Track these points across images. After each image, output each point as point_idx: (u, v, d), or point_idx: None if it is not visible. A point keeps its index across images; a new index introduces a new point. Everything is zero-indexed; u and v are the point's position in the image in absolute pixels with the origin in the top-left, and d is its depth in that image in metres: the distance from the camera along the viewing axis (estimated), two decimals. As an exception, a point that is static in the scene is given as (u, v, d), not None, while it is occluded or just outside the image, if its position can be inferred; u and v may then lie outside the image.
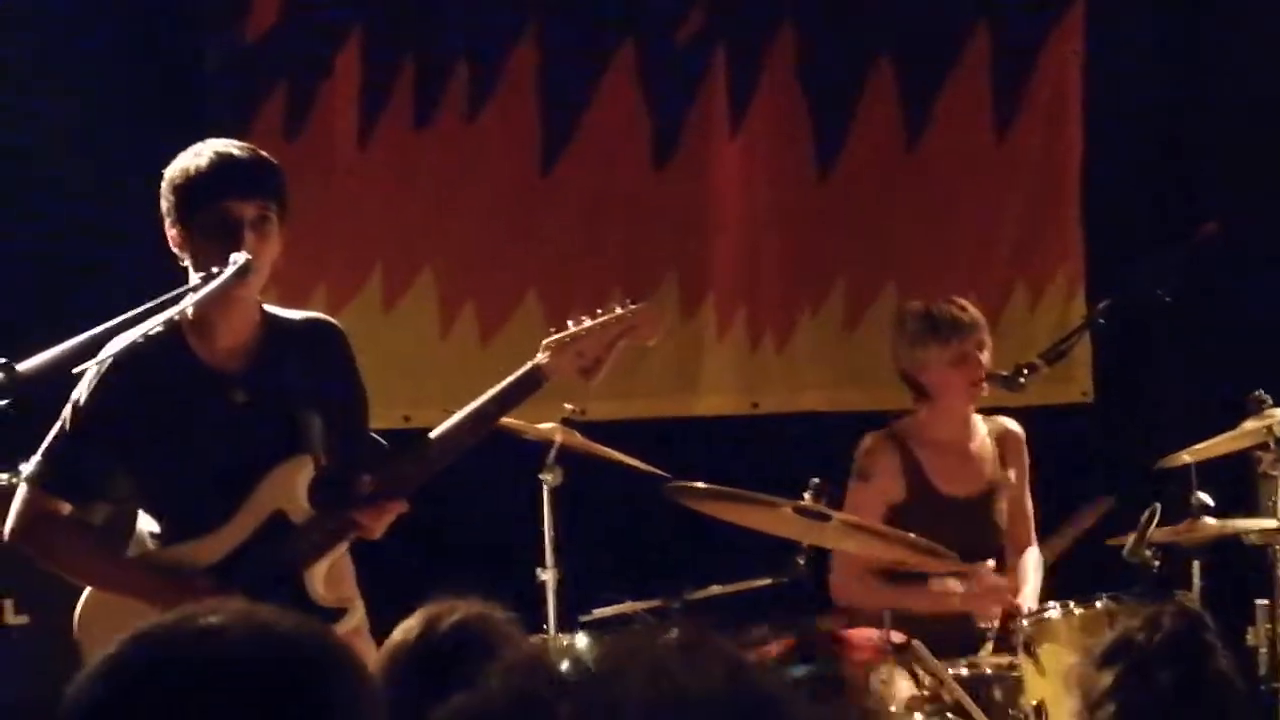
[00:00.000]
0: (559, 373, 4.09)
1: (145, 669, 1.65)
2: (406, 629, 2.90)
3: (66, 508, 3.97)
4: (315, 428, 3.97)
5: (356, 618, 3.98)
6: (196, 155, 3.90)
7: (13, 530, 4.01)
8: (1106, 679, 2.72)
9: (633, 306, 4.18)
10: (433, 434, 4.06)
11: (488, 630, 2.79)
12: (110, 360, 3.86)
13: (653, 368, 6.33)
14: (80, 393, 3.93)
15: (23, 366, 3.53)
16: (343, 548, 4.03)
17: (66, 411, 3.96)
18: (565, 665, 1.08)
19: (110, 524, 4.06)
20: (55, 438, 3.97)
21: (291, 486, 3.93)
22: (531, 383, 4.07)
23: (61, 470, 3.95)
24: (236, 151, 3.91)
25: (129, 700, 1.63)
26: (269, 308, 4.02)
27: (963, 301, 5.29)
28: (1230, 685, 2.81)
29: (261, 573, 3.87)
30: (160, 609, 3.76)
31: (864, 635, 4.78)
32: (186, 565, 3.89)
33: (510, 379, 4.07)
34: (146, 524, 4.01)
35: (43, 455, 3.98)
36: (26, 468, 4.03)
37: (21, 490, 4.01)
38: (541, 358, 4.09)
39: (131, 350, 3.83)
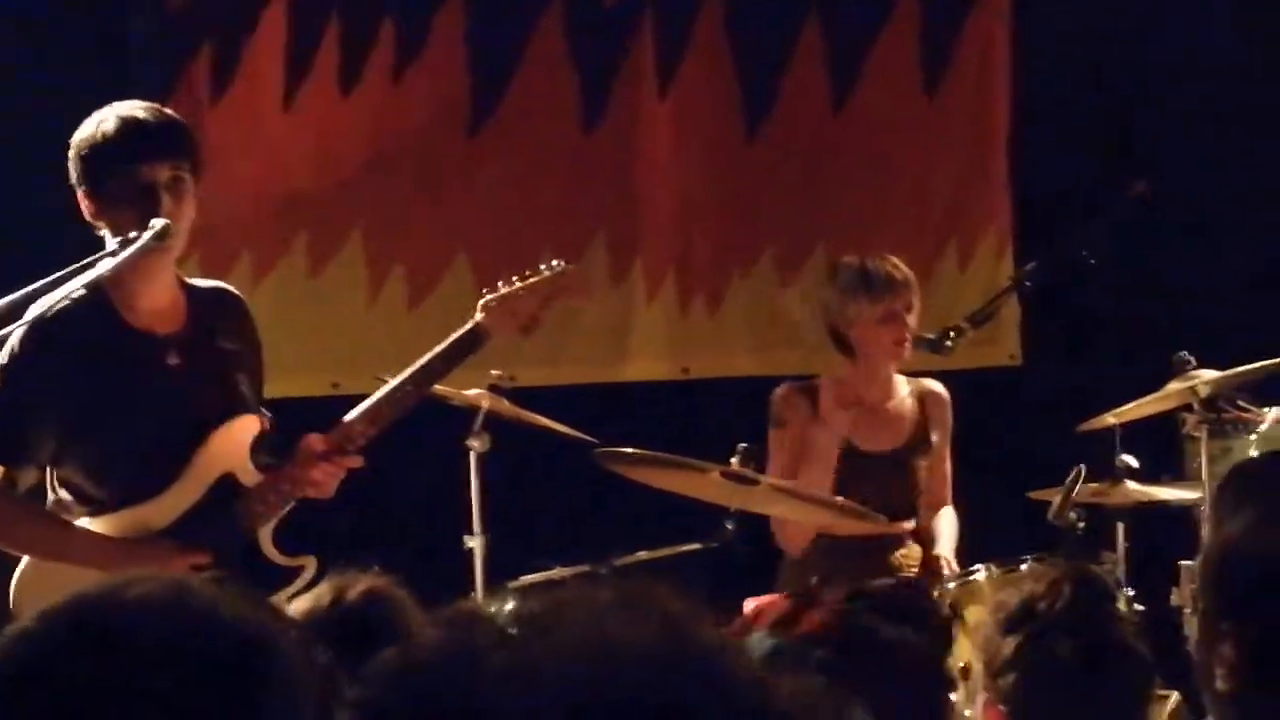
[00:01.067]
0: (497, 330, 4.12)
1: (63, 643, 1.62)
2: (316, 596, 2.90)
3: None
4: (249, 392, 3.96)
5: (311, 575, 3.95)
6: (102, 121, 3.84)
7: None
8: (1009, 647, 2.74)
9: (565, 266, 4.20)
10: (377, 394, 4.06)
11: (394, 599, 2.80)
12: (34, 323, 3.80)
13: (582, 333, 6.31)
14: (5, 357, 3.87)
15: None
16: (285, 509, 4.00)
17: None
18: (499, 618, 1.08)
19: (33, 490, 4.02)
20: None
21: (239, 447, 3.92)
22: (473, 341, 4.11)
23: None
24: (142, 114, 3.86)
25: (48, 668, 1.60)
26: (183, 277, 4.01)
27: (896, 260, 5.29)
28: (1133, 654, 2.82)
29: (216, 536, 3.86)
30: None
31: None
32: (139, 530, 3.85)
33: (451, 338, 4.10)
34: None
35: None
36: None
37: None
38: (480, 316, 4.11)
39: (57, 314, 3.78)
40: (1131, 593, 4.77)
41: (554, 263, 4.25)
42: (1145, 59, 6.60)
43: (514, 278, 4.20)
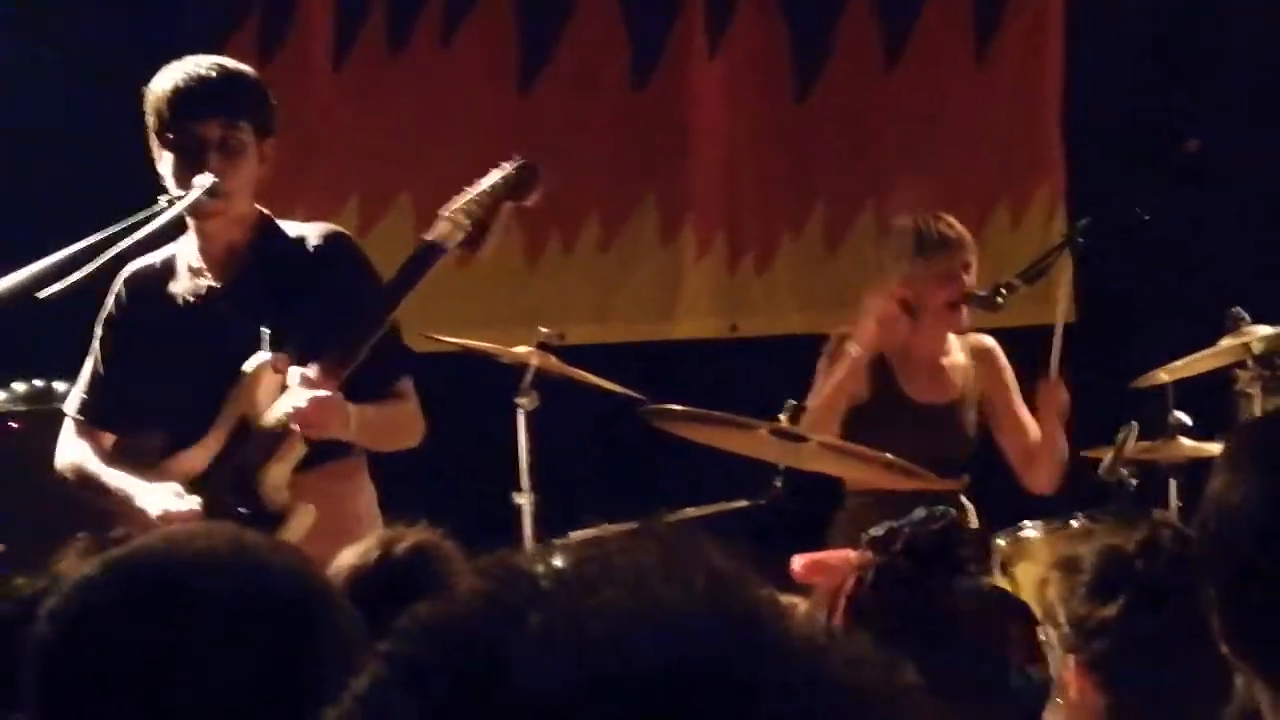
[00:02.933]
0: (449, 240, 4.02)
1: (122, 593, 1.63)
2: (364, 552, 2.90)
3: (110, 439, 3.97)
4: (299, 335, 3.90)
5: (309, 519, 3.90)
6: (167, 76, 3.89)
7: (61, 465, 4.04)
8: (1109, 610, 2.60)
9: (513, 163, 4.14)
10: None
11: (442, 554, 2.79)
12: (119, 286, 3.95)
13: (631, 290, 6.31)
14: (100, 322, 3.98)
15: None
16: (298, 452, 3.93)
17: (93, 343, 4.00)
18: (540, 572, 1.05)
19: (151, 452, 4.06)
20: (87, 369, 4.02)
21: (253, 391, 3.90)
22: (427, 257, 4.01)
23: (96, 402, 3.98)
24: (203, 70, 3.87)
25: (107, 619, 1.61)
26: (281, 223, 3.99)
27: (950, 219, 5.24)
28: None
29: (224, 478, 3.88)
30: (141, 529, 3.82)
31: (840, 557, 4.75)
32: (178, 476, 3.90)
33: (406, 259, 4.01)
34: None
35: (81, 389, 3.99)
36: (67, 403, 4.04)
37: (68, 424, 4.04)
38: (432, 231, 4.04)
39: (136, 275, 3.95)
40: (1184, 550, 4.73)
41: (506, 164, 4.16)
42: (1198, 11, 6.53)
43: (465, 188, 4.09)
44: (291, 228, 4.03)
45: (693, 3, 6.50)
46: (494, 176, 4.07)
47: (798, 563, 4.88)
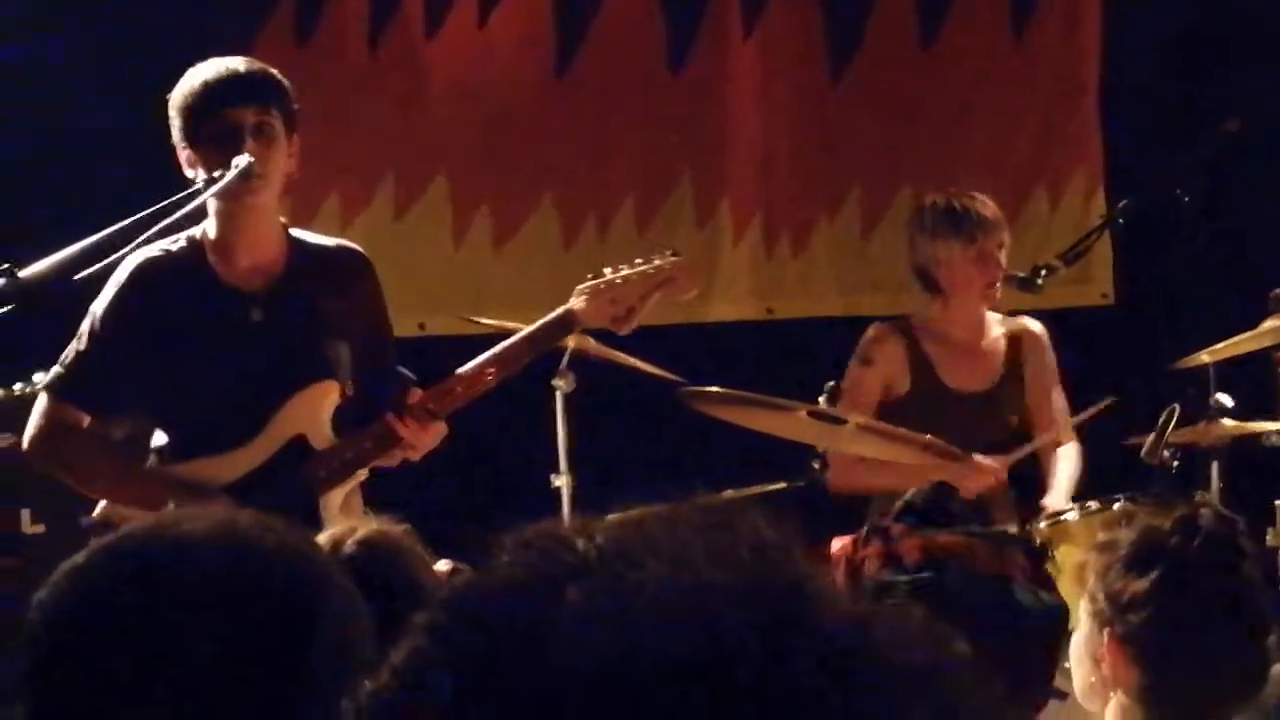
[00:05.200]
0: (590, 319, 4.09)
1: (113, 577, 1.62)
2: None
3: (85, 419, 3.96)
4: (342, 356, 3.95)
5: None
6: (195, 73, 3.92)
7: (31, 440, 4.00)
8: (1142, 584, 2.60)
9: (671, 258, 4.15)
10: (460, 370, 4.04)
11: (395, 552, 2.73)
12: (129, 273, 3.89)
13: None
14: (99, 304, 3.93)
15: (24, 273, 3.50)
16: (360, 476, 3.99)
17: (85, 323, 3.95)
18: (581, 545, 1.03)
19: (128, 440, 4.05)
20: (74, 349, 3.96)
21: (315, 412, 3.91)
22: (562, 327, 4.09)
23: (80, 381, 3.94)
24: (232, 63, 3.92)
25: (96, 606, 1.59)
26: (296, 232, 4.01)
27: (984, 198, 5.20)
28: (1264, 593, 2.73)
29: (276, 495, 3.84)
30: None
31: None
32: (204, 482, 3.88)
33: (541, 322, 4.08)
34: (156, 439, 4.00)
35: (62, 365, 3.97)
36: (45, 377, 4.02)
37: (40, 400, 4.01)
38: (575, 302, 4.07)
39: (152, 263, 3.89)
40: (1226, 532, 4.69)
41: (665, 253, 4.18)
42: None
43: (621, 265, 4.11)
44: (310, 238, 4.04)
45: (727, -18, 6.47)
46: (650, 264, 4.10)
47: (836, 545, 4.88)
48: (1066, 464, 5.18)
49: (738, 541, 1.01)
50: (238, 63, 3.92)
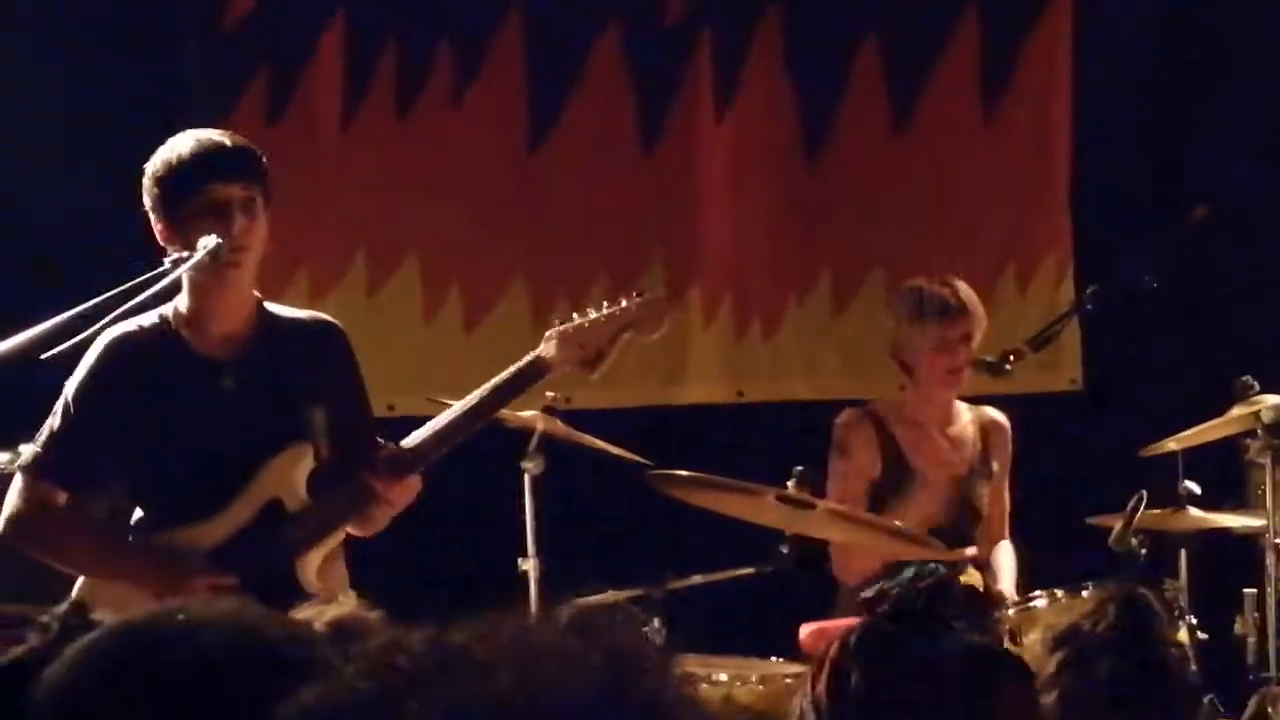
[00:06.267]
0: (561, 364, 4.06)
1: (120, 661, 1.62)
2: None
3: (63, 497, 3.95)
4: (318, 422, 3.93)
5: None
6: (176, 145, 3.89)
7: (8, 520, 3.97)
8: (1051, 665, 2.71)
9: (638, 299, 4.15)
10: (432, 423, 4.02)
11: (364, 629, 2.70)
12: (102, 349, 3.89)
13: (637, 355, 6.27)
14: (72, 382, 3.92)
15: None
16: (338, 537, 3.98)
17: (61, 401, 3.95)
18: (428, 657, 1.00)
19: (107, 516, 4.03)
20: (49, 427, 3.95)
21: (290, 475, 3.90)
22: (533, 373, 4.05)
23: (57, 459, 3.93)
24: (216, 136, 3.92)
25: (103, 691, 1.60)
26: (270, 305, 4.00)
27: (959, 285, 5.22)
28: (1176, 677, 2.77)
29: (254, 559, 3.84)
30: (154, 595, 3.79)
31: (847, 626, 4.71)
32: (183, 551, 3.86)
33: (511, 369, 4.04)
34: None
35: (39, 444, 3.95)
36: (21, 458, 4.00)
37: (17, 481, 3.99)
38: (544, 349, 4.05)
39: (124, 338, 3.89)
40: (1194, 620, 4.69)
41: (633, 295, 4.18)
42: (1206, 82, 6.53)
43: (588, 308, 4.11)
44: (284, 310, 4.04)
45: (701, 66, 6.50)
46: (617, 306, 4.08)
47: (805, 631, 4.87)
48: (1009, 557, 5.27)
49: (593, 651, 0.99)
50: (221, 136, 3.92)
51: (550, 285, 6.34)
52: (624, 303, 4.12)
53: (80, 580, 3.97)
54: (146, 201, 3.89)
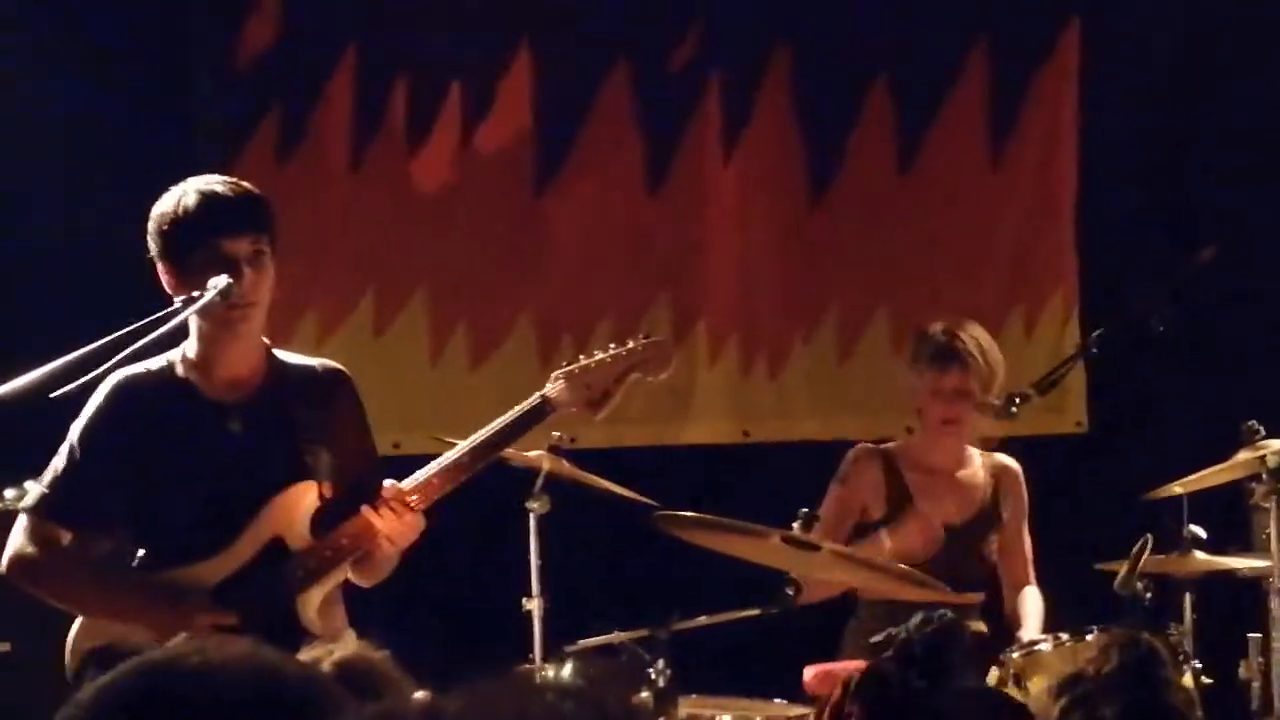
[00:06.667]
0: (566, 404, 4.06)
1: (139, 701, 1.62)
2: None
3: (68, 537, 3.96)
4: (322, 462, 3.94)
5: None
6: (183, 195, 3.87)
7: (11, 560, 3.97)
8: (1057, 710, 2.72)
9: (644, 340, 4.15)
10: (436, 462, 4.02)
11: (371, 669, 2.71)
12: (109, 390, 3.89)
13: (643, 394, 6.28)
14: (79, 423, 3.93)
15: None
16: (339, 576, 3.98)
17: (67, 441, 3.95)
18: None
19: (111, 556, 4.03)
20: (55, 467, 3.96)
21: (292, 513, 3.90)
22: (539, 413, 4.05)
23: (62, 500, 3.94)
24: (222, 188, 3.89)
25: None
26: (279, 352, 4.01)
27: (966, 335, 5.19)
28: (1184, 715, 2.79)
29: (256, 597, 3.84)
30: (156, 633, 3.79)
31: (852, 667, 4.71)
32: (186, 589, 3.86)
33: (517, 409, 4.04)
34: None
35: (44, 484, 3.96)
36: (27, 497, 4.01)
37: (22, 519, 3.99)
38: (549, 389, 4.05)
39: (131, 381, 3.89)
40: (1199, 665, 4.68)
41: (639, 336, 4.18)
42: (1214, 123, 6.55)
43: (595, 349, 4.11)
44: (292, 357, 4.05)
45: (708, 107, 6.53)
46: (623, 347, 4.09)
47: (809, 673, 4.86)
48: (1035, 602, 5.24)
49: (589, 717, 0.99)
50: (225, 186, 3.89)
51: (556, 324, 6.36)
52: (630, 344, 4.13)
53: (79, 620, 3.97)
54: (151, 249, 3.88)
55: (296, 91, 6.28)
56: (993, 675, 4.84)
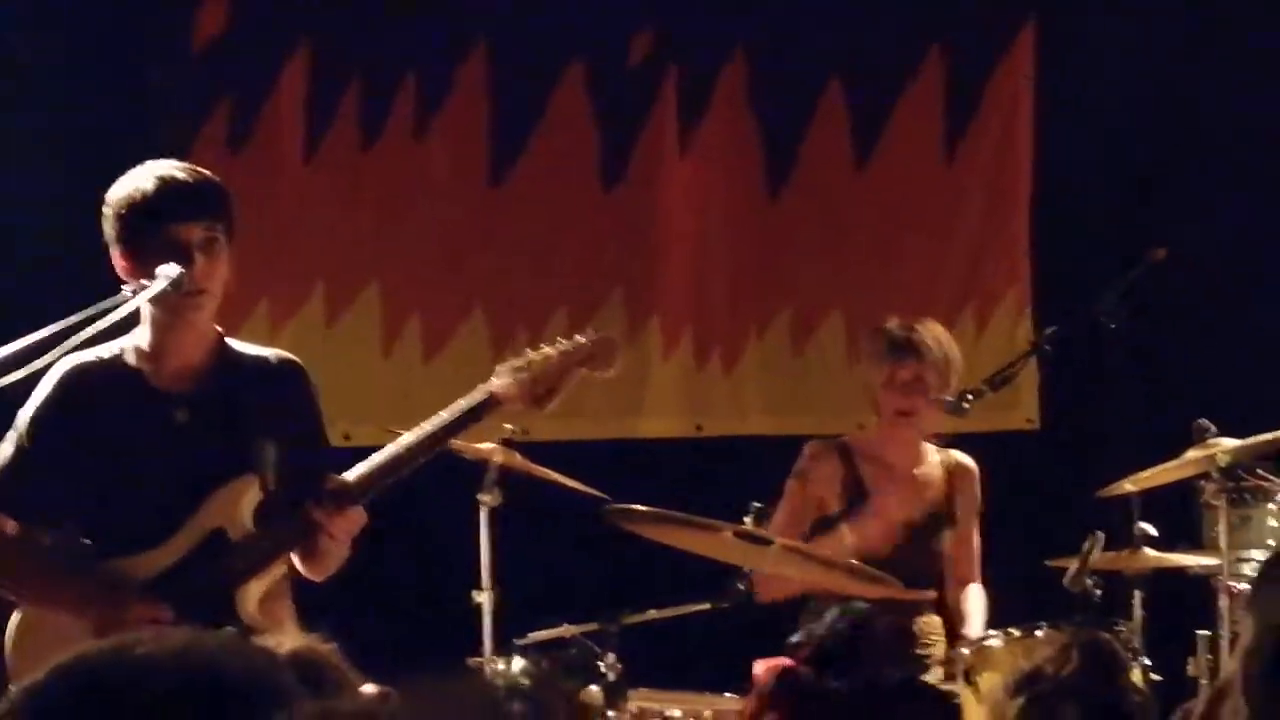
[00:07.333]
0: (511, 399, 4.02)
1: (71, 699, 1.60)
2: None
3: (12, 525, 3.92)
4: (268, 454, 3.90)
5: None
6: (139, 180, 3.84)
7: None
8: (1014, 709, 2.72)
9: (592, 335, 4.13)
10: (377, 454, 3.99)
11: (318, 662, 2.68)
12: (57, 379, 3.86)
13: (596, 388, 6.27)
14: (25, 411, 3.89)
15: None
16: (279, 569, 3.95)
17: (13, 429, 3.92)
18: None
19: (56, 546, 3.99)
20: (4, 454, 3.92)
21: (234, 505, 3.87)
22: (483, 408, 4.01)
23: (8, 488, 3.90)
24: (179, 173, 3.85)
25: None
26: (232, 341, 3.97)
27: (922, 329, 5.22)
28: (1143, 715, 2.80)
29: (193, 589, 3.81)
30: (91, 624, 3.76)
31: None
32: (123, 581, 3.83)
33: (461, 403, 4.00)
34: None
35: None
36: None
37: None
38: (495, 383, 4.02)
39: (79, 369, 3.85)
40: (1148, 662, 4.70)
41: (588, 331, 4.16)
42: (1165, 122, 6.58)
43: (541, 344, 4.08)
44: (245, 347, 4.01)
45: (664, 101, 6.53)
46: (570, 343, 4.06)
47: (759, 667, 4.86)
48: (979, 600, 5.26)
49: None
50: (183, 171, 3.85)
51: (510, 317, 6.35)
52: (578, 339, 4.10)
53: (16, 612, 3.94)
54: (106, 233, 3.85)
55: (249, 80, 6.25)
56: (936, 673, 4.86)
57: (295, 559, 3.95)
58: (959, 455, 5.37)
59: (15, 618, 3.94)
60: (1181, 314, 6.32)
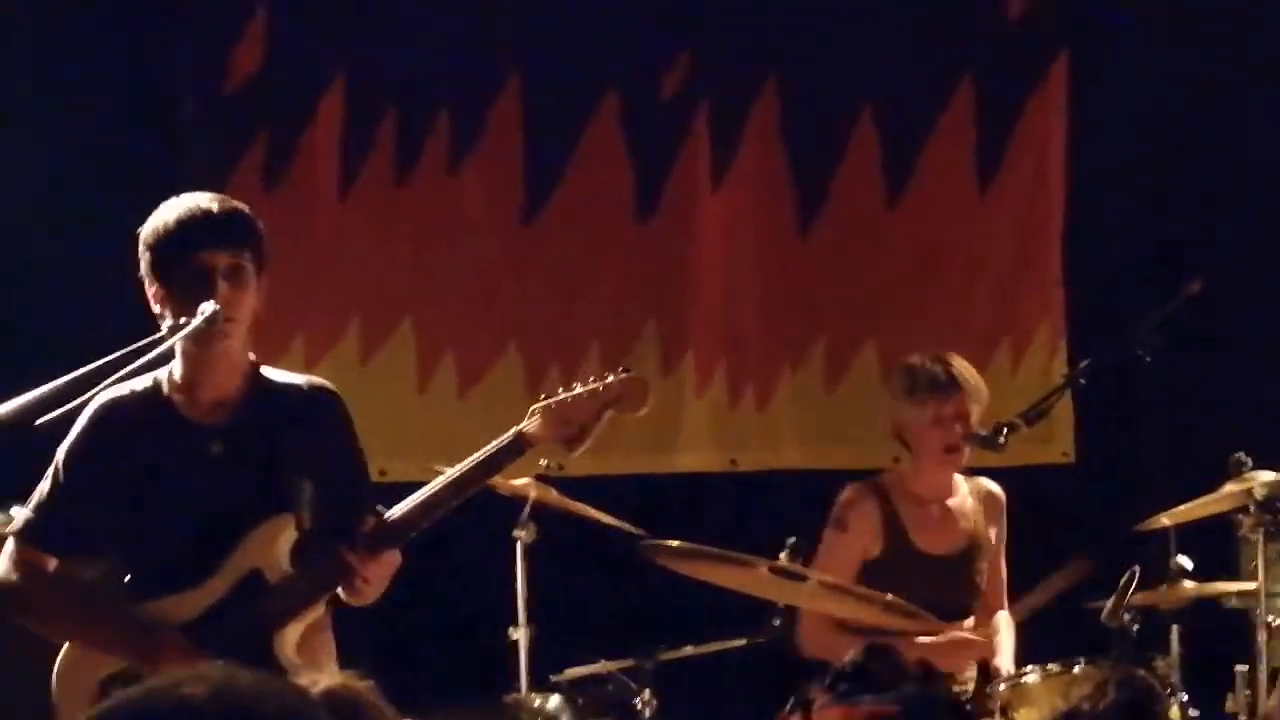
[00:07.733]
0: (543, 440, 4.02)
1: None
2: None
3: (53, 563, 3.93)
4: (304, 491, 3.89)
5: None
6: (167, 211, 3.87)
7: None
8: None
9: (623, 375, 4.12)
10: (412, 498, 3.99)
11: (354, 699, 2.68)
12: (92, 413, 3.86)
13: (630, 423, 6.27)
14: (64, 447, 3.91)
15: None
16: (318, 610, 3.95)
17: (53, 465, 3.93)
18: None
19: (97, 582, 4.01)
20: (42, 491, 3.93)
21: (271, 546, 3.87)
22: (515, 449, 4.01)
23: (48, 524, 3.91)
24: (206, 203, 3.87)
25: None
26: (267, 370, 3.98)
27: (953, 362, 5.22)
28: None
29: (231, 632, 3.80)
30: (131, 665, 3.77)
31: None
32: (160, 622, 3.84)
33: (493, 445, 4.00)
34: None
35: (30, 509, 3.94)
36: (12, 524, 3.99)
37: (8, 545, 3.97)
38: (526, 424, 4.01)
39: (115, 403, 3.86)
40: (1185, 697, 4.68)
41: (619, 370, 4.15)
42: (1202, 154, 6.56)
43: (574, 383, 4.06)
44: (279, 375, 4.02)
45: (697, 137, 6.54)
46: (601, 383, 4.04)
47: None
48: (1009, 630, 5.25)
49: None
50: (211, 201, 3.87)
51: (544, 353, 6.36)
52: (609, 378, 4.09)
53: (64, 648, 3.95)
54: (141, 266, 3.89)
55: (284, 117, 6.27)
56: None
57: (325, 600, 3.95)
58: (987, 483, 5.36)
59: (62, 654, 3.96)
60: (1218, 346, 6.30)
